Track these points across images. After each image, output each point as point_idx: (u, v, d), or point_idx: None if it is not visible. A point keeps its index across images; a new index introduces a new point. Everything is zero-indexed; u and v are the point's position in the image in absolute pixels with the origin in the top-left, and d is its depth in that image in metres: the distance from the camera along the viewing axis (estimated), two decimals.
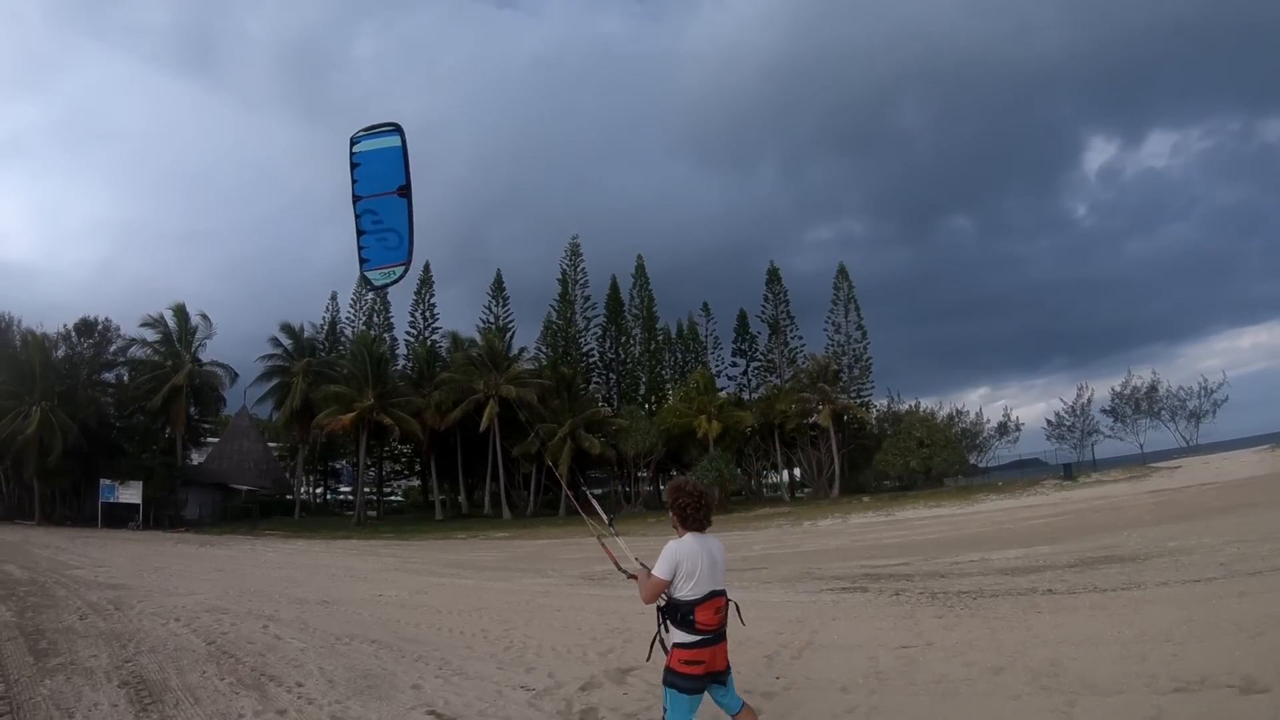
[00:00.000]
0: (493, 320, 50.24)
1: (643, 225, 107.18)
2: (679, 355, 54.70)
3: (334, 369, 42.98)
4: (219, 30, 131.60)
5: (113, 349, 42.25)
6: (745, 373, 54.03)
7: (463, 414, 40.67)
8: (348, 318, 52.48)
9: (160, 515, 37.55)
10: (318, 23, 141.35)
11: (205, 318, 43.02)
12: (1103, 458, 43.05)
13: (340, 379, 41.02)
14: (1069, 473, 34.15)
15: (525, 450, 39.60)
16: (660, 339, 53.93)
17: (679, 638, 3.14)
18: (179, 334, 41.91)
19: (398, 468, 55.65)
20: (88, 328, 41.38)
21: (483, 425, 39.90)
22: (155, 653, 6.98)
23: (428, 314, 50.93)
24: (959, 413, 46.55)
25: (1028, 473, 41.35)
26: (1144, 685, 4.54)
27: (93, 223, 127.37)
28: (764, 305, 52.67)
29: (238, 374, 44.42)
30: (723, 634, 3.20)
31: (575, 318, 51.96)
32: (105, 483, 36.40)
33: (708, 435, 40.98)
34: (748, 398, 50.84)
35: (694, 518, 3.24)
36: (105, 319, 42.11)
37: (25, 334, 40.64)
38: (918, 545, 15.46)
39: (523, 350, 46.97)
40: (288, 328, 44.51)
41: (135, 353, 42.27)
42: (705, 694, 3.22)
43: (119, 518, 35.93)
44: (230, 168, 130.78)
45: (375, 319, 51.31)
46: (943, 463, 38.82)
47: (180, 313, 42.32)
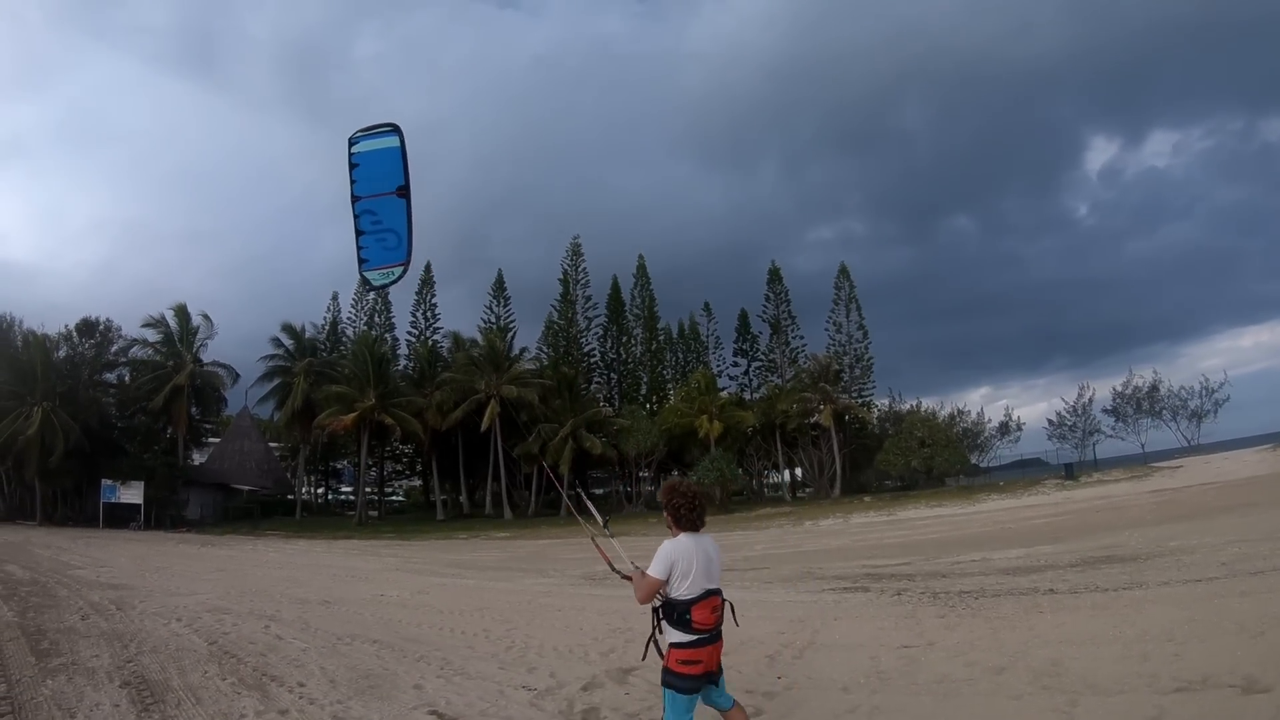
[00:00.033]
0: (494, 320, 50.32)
1: (644, 225, 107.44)
2: (680, 355, 54.77)
3: (335, 369, 42.99)
4: (220, 31, 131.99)
5: (114, 349, 42.36)
6: (747, 372, 54.15)
7: (464, 414, 40.72)
8: (349, 318, 52.61)
9: (162, 515, 37.61)
10: (319, 23, 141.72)
11: (207, 318, 43.17)
12: (1104, 457, 43.13)
13: (342, 379, 41.03)
14: (1070, 472, 34.12)
15: (526, 451, 39.63)
16: (661, 339, 53.99)
17: (676, 637, 3.14)
18: (180, 334, 41.96)
19: (399, 468, 55.68)
20: (89, 328, 41.46)
21: (484, 425, 39.94)
22: (157, 653, 6.98)
23: (429, 314, 51.07)
24: (960, 412, 46.68)
25: (1029, 472, 41.36)
26: (1146, 685, 4.53)
27: (94, 223, 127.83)
28: (765, 305, 52.76)
29: (239, 374, 44.59)
30: (719, 633, 3.21)
31: (576, 317, 52.02)
32: (107, 483, 36.46)
33: (709, 435, 40.99)
34: (749, 398, 50.87)
35: (688, 518, 3.26)
36: (107, 319, 42.32)
37: (27, 334, 40.77)
38: (919, 545, 15.45)
39: (524, 350, 47.05)
40: (289, 328, 44.60)
41: (137, 353, 42.40)
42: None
43: (120, 518, 35.98)
44: (232, 168, 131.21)
45: (377, 319, 51.36)
46: (944, 462, 38.80)
47: (182, 313, 42.39)
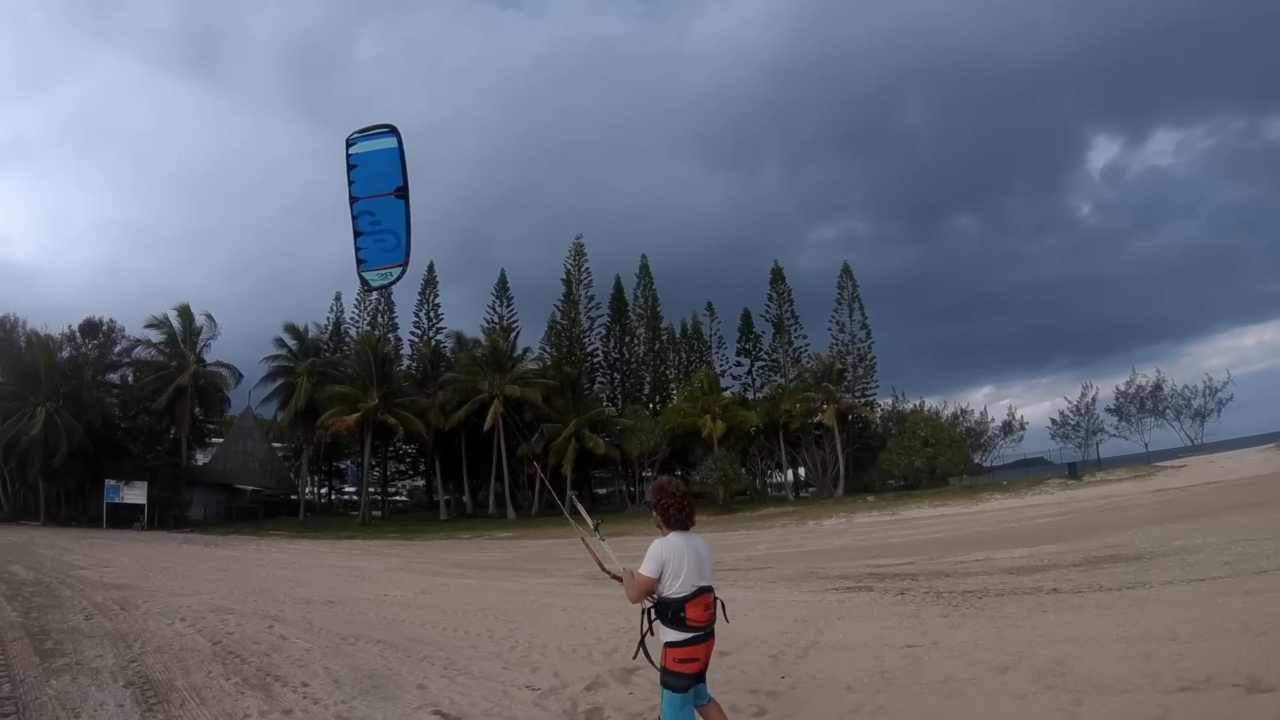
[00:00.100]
0: (497, 320, 50.26)
1: (646, 225, 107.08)
2: (683, 355, 54.69)
3: (338, 369, 43.00)
4: (222, 31, 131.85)
5: (117, 350, 42.40)
6: (750, 372, 54.01)
7: (467, 414, 40.74)
8: (352, 318, 52.63)
9: (165, 516, 37.66)
10: (321, 24, 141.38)
11: (210, 318, 43.26)
12: (1107, 457, 43.05)
13: (345, 379, 41.04)
14: (1074, 472, 34.04)
15: (529, 451, 39.65)
16: (664, 338, 53.89)
17: (671, 636, 3.17)
18: (184, 335, 42.02)
19: (402, 468, 55.71)
20: (92, 329, 41.52)
21: (487, 425, 39.97)
22: (161, 653, 7.00)
23: (432, 314, 51.10)
24: (963, 412, 46.49)
25: (1032, 472, 41.26)
26: (1149, 684, 4.53)
27: (97, 224, 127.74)
28: (768, 304, 52.63)
29: (242, 374, 44.68)
30: (712, 631, 3.24)
31: (579, 317, 51.96)
32: (110, 483, 36.49)
33: (712, 435, 40.94)
34: (752, 397, 50.70)
35: (677, 517, 3.29)
36: (110, 320, 42.35)
37: (30, 335, 40.74)
38: (922, 545, 15.44)
39: (527, 350, 46.98)
40: (292, 328, 44.67)
41: (140, 353, 42.44)
42: None
43: (124, 518, 36.02)
44: (234, 168, 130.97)
45: (379, 319, 51.37)
46: (947, 462, 38.70)
47: (185, 313, 42.45)
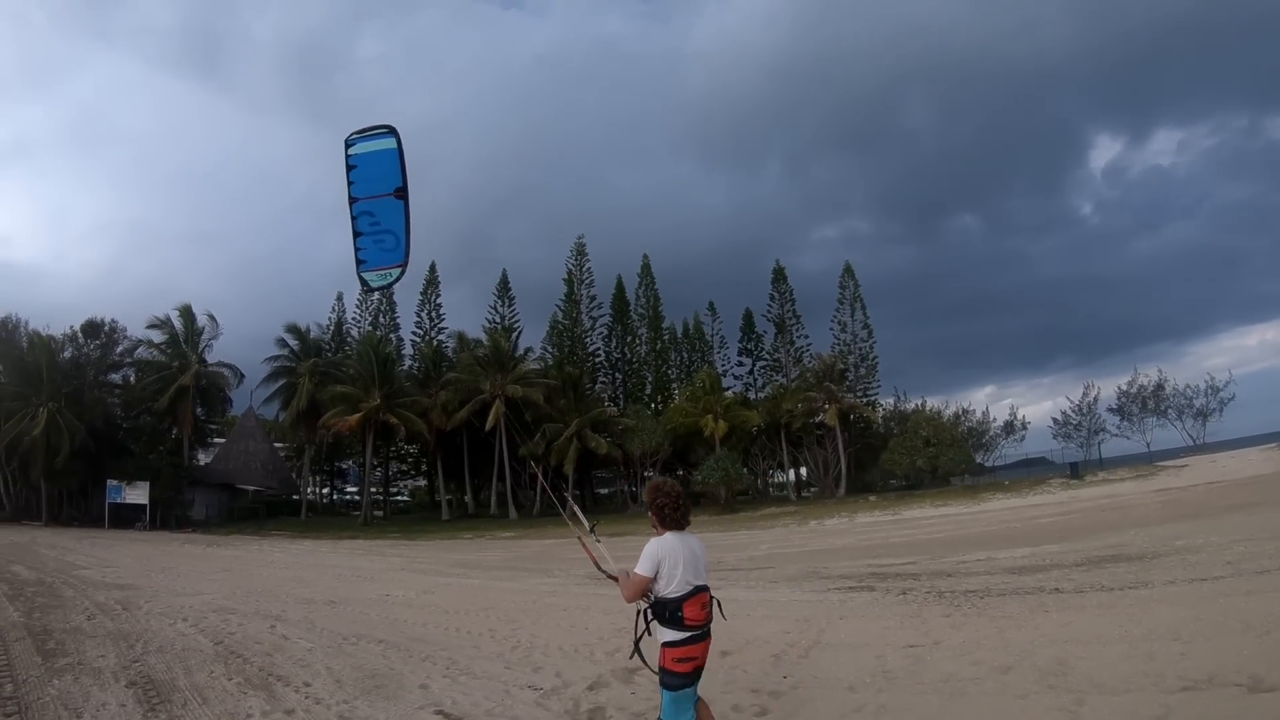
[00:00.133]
0: (499, 320, 50.33)
1: (647, 224, 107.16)
2: (685, 355, 54.67)
3: (340, 369, 43.08)
4: (224, 32, 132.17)
5: (119, 350, 42.50)
6: (751, 372, 54.07)
7: (469, 414, 40.76)
8: (354, 318, 52.76)
9: (167, 516, 37.72)
10: (322, 24, 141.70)
11: (212, 318, 43.32)
12: (1109, 456, 42.96)
13: (346, 379, 41.09)
14: (1075, 471, 33.95)
15: (531, 451, 39.67)
16: (666, 338, 53.89)
17: (669, 636, 3.18)
18: (185, 335, 42.08)
19: (404, 468, 55.80)
20: (94, 329, 41.60)
21: (488, 425, 39.99)
22: (163, 653, 7.01)
23: (434, 314, 51.21)
24: (965, 411, 46.41)
25: (1034, 471, 41.19)
26: (1151, 684, 4.52)
27: (99, 224, 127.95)
28: (770, 304, 52.73)
29: (244, 375, 44.74)
30: (709, 630, 3.25)
31: (581, 317, 52.00)
32: (112, 483, 36.54)
33: (714, 435, 40.90)
34: (754, 397, 50.70)
35: (672, 517, 3.31)
36: (112, 320, 42.45)
37: (32, 335, 40.77)
38: (924, 544, 15.42)
39: (529, 350, 47.07)
40: (294, 328, 44.73)
41: (142, 354, 42.54)
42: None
43: (126, 518, 36.07)
44: (236, 169, 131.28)
45: (381, 319, 51.47)
46: (949, 462, 38.65)
47: (187, 314, 42.52)
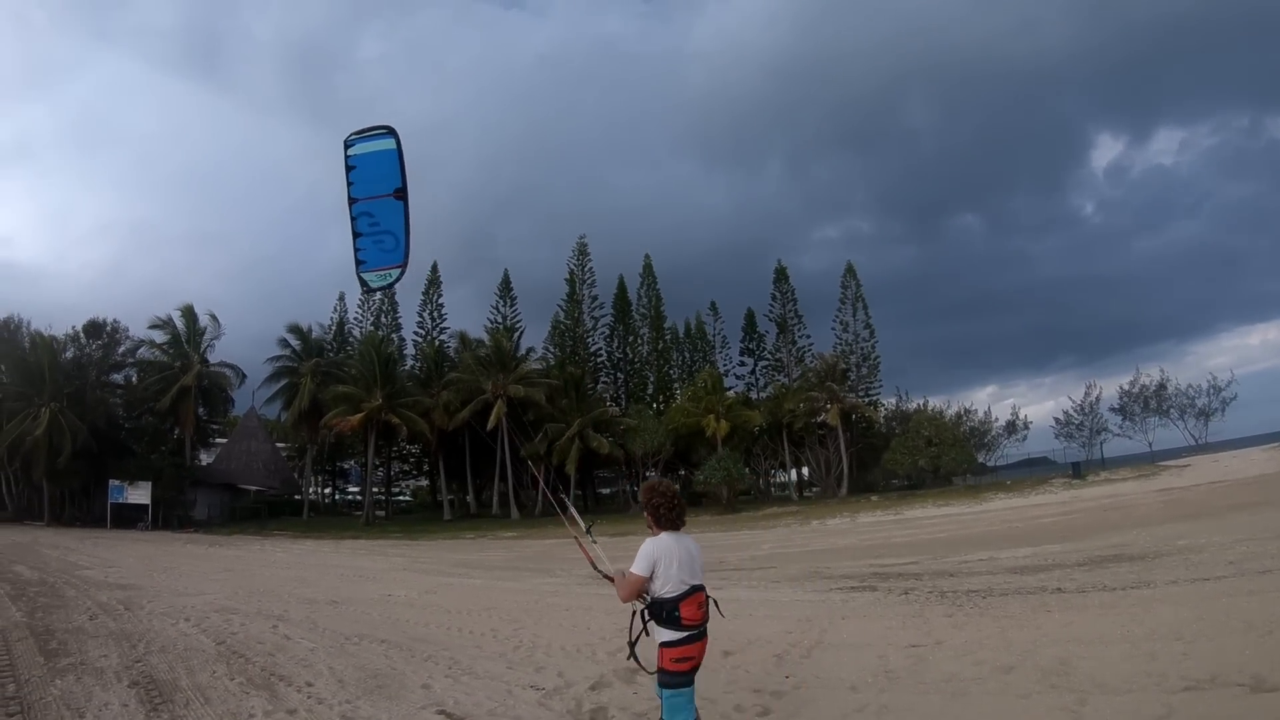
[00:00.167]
0: (500, 320, 50.35)
1: (649, 224, 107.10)
2: (686, 354, 54.54)
3: (342, 369, 43.13)
4: (225, 32, 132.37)
5: (121, 350, 42.65)
6: (753, 372, 54.00)
7: (471, 414, 40.72)
8: (356, 318, 52.79)
9: (169, 516, 37.80)
10: (323, 24, 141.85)
11: (214, 318, 43.39)
12: (1111, 456, 42.95)
13: (348, 379, 41.13)
14: (1078, 471, 33.92)
15: (533, 451, 39.66)
16: (668, 338, 53.77)
17: (666, 636, 3.19)
18: (187, 335, 42.14)
19: (406, 468, 55.82)
20: (96, 329, 41.71)
21: (490, 425, 39.93)
22: (165, 653, 7.02)
23: (435, 314, 51.19)
24: (967, 411, 46.40)
25: (1036, 471, 41.12)
26: (1154, 684, 4.52)
27: (101, 224, 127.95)
28: (771, 304, 52.65)
29: (246, 375, 44.81)
30: (706, 629, 3.27)
31: (583, 317, 51.98)
32: (114, 483, 36.61)
33: (716, 435, 40.87)
34: (755, 397, 50.63)
35: (668, 517, 3.32)
36: (114, 320, 42.61)
37: (34, 336, 40.87)
38: (926, 544, 15.42)
39: (530, 350, 47.09)
40: (296, 328, 44.80)
41: (144, 354, 42.66)
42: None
43: (128, 518, 36.12)
44: (237, 169, 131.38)
45: (383, 319, 51.50)
46: (951, 461, 38.60)
47: (188, 314, 42.58)
